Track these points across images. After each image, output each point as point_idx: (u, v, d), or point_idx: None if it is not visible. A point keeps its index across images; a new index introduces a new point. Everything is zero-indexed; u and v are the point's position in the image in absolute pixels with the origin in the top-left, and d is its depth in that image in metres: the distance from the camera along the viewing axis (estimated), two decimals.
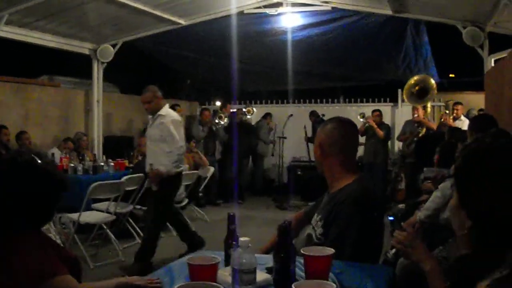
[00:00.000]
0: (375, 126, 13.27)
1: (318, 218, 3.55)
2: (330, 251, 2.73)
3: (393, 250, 3.09)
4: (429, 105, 12.01)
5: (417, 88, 11.32)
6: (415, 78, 11.48)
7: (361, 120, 13.45)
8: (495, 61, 10.50)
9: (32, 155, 2.63)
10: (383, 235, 3.58)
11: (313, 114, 15.06)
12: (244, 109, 15.39)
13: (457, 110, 12.04)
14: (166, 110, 8.22)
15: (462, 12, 10.38)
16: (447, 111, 12.27)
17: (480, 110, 12.18)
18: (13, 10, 9.53)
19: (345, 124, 3.70)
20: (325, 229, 3.41)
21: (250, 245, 2.54)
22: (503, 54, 9.99)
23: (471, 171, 1.96)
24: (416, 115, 12.06)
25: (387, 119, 14.43)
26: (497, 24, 10.05)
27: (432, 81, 11.32)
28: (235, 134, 13.94)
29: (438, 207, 5.78)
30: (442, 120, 11.98)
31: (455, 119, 11.82)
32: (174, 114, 8.29)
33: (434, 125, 12.07)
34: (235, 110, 15.26)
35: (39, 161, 2.59)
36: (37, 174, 2.55)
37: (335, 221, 3.36)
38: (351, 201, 3.35)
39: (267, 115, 16.02)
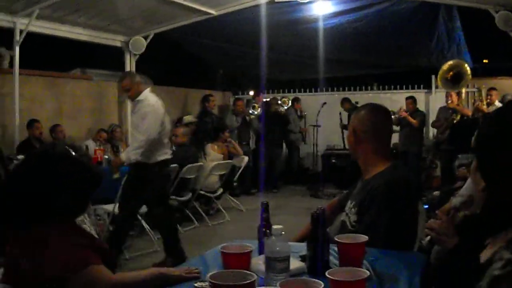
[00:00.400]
0: (408, 116, 13.13)
1: (352, 205, 3.55)
2: (364, 238, 2.73)
3: (428, 238, 3.07)
4: (463, 90, 11.90)
5: (451, 73, 11.24)
6: (449, 63, 11.39)
7: (396, 115, 13.27)
8: None
9: (66, 147, 2.65)
10: (417, 223, 3.57)
11: (347, 101, 14.94)
12: (279, 101, 15.34)
13: (491, 95, 11.87)
14: (145, 94, 7.66)
15: None
16: (481, 97, 12.10)
17: (491, 89, 12.02)
18: (44, 5, 9.61)
19: (378, 111, 3.70)
20: (359, 216, 3.41)
21: (283, 233, 2.54)
22: None
23: (493, 136, 1.96)
24: (450, 101, 11.94)
25: (421, 106, 14.30)
26: None
27: (467, 66, 11.22)
28: (266, 124, 13.95)
29: (472, 193, 5.74)
30: (476, 106, 11.81)
31: (488, 105, 11.64)
32: (152, 99, 7.71)
33: (469, 112, 11.93)
34: (268, 99, 15.27)
35: (73, 153, 2.61)
36: (70, 166, 2.57)
37: (368, 208, 3.35)
38: (384, 188, 3.34)
39: (295, 101, 15.98)
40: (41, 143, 9.97)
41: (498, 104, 11.58)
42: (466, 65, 11.37)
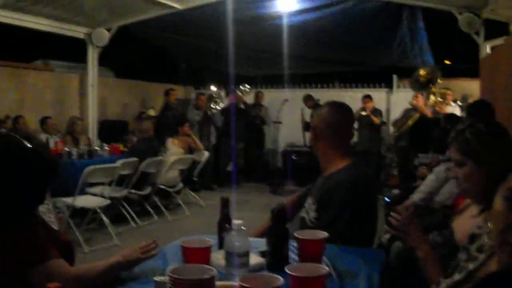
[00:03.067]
0: (370, 115, 13.24)
1: (312, 201, 3.56)
2: (323, 234, 2.75)
3: (388, 235, 3.11)
4: (432, 97, 12.00)
5: (426, 78, 11.39)
6: (427, 69, 11.56)
7: (362, 113, 13.33)
8: (491, 48, 10.50)
9: (18, 137, 2.61)
10: (377, 220, 3.60)
11: (310, 98, 14.92)
12: (239, 93, 15.23)
13: (445, 96, 12.00)
14: None
15: None
16: (440, 98, 12.21)
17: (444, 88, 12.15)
18: None
19: (339, 108, 3.73)
20: (318, 213, 3.43)
21: (243, 228, 2.55)
22: (499, 41, 9.99)
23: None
24: (415, 100, 12.05)
25: (382, 105, 14.43)
26: (493, 11, 10.05)
27: (439, 75, 11.40)
28: (227, 118, 14.01)
29: (432, 190, 5.84)
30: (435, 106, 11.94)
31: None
32: None
33: (429, 112, 12.04)
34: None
35: (27, 144, 2.57)
36: (24, 156, 2.54)
37: (328, 205, 3.37)
38: (344, 185, 3.37)
39: (257, 95, 15.89)
40: None
41: (453, 104, 11.74)
42: (439, 74, 11.57)
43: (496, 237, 1.77)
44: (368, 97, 13.62)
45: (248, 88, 15.14)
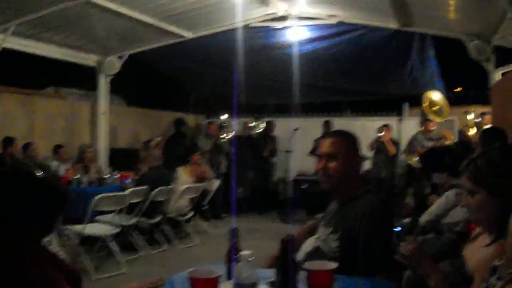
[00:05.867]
0: (389, 142, 13.27)
1: (329, 230, 3.52)
2: (333, 265, 2.71)
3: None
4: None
5: (437, 107, 11.52)
6: (439, 98, 11.70)
7: (378, 134, 13.36)
8: (502, 74, 10.48)
9: (32, 167, 2.61)
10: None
11: (327, 125, 14.89)
12: (251, 124, 15.21)
13: (483, 119, 12.04)
14: None
15: (467, 25, 10.38)
16: (467, 122, 12.27)
17: (482, 113, 12.15)
18: (20, 21, 9.56)
19: (352, 137, 3.71)
20: (342, 242, 3.39)
21: (252, 259, 2.51)
22: (510, 67, 9.98)
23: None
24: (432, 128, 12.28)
25: (393, 133, 14.39)
26: (503, 38, 10.04)
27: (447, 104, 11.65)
28: (238, 148, 14.02)
29: (441, 212, 5.85)
30: (462, 130, 12.08)
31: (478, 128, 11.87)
32: None
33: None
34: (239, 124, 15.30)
35: (38, 174, 2.57)
36: (35, 187, 2.53)
37: (354, 232, 3.33)
38: (374, 214, 3.35)
39: (268, 124, 15.73)
40: (14, 161, 9.91)
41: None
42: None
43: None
44: (386, 126, 13.63)
45: (260, 122, 15.15)
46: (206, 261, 8.08)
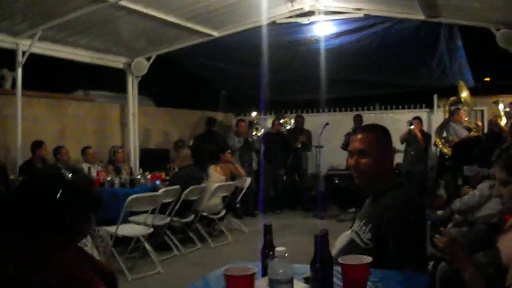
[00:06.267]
0: (419, 134, 13.25)
1: (362, 223, 3.53)
2: (368, 259, 2.71)
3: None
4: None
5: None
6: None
7: (409, 127, 13.36)
8: None
9: (63, 170, 2.63)
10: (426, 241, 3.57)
11: (358, 120, 14.81)
12: (281, 120, 15.15)
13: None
14: None
15: (495, 14, 10.29)
16: (498, 111, 12.25)
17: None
18: (47, 26, 9.65)
19: (383, 131, 3.70)
20: (373, 234, 3.39)
21: (286, 255, 2.52)
22: None
23: None
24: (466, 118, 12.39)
25: (423, 125, 14.32)
26: None
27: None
28: (268, 144, 14.04)
29: (474, 204, 5.81)
30: (493, 120, 12.01)
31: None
32: None
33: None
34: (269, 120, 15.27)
35: (69, 176, 2.58)
36: (63, 189, 2.55)
37: (384, 224, 3.34)
38: (400, 205, 3.36)
39: (297, 119, 15.53)
40: (44, 165, 10.00)
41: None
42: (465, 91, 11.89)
43: None
44: (418, 118, 13.71)
45: (289, 119, 15.05)
46: (240, 258, 8.08)
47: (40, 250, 2.44)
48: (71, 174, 2.59)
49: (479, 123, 13.16)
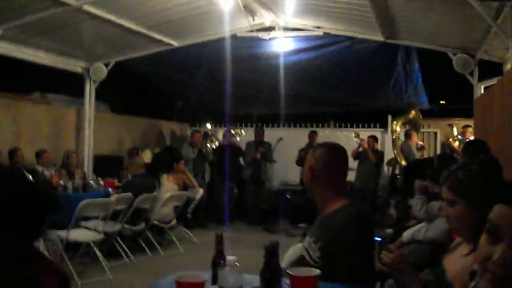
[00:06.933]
0: (369, 150, 13.42)
1: (312, 240, 3.57)
2: (316, 271, 2.76)
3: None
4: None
5: (407, 126, 11.99)
6: (402, 120, 12.21)
7: (355, 139, 13.55)
8: (485, 88, 10.59)
9: (23, 171, 2.64)
10: (374, 258, 3.63)
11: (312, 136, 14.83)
12: (232, 131, 15.15)
13: (465, 132, 12.24)
14: None
15: (453, 39, 10.50)
16: (451, 134, 12.47)
17: (465, 126, 12.34)
18: (9, 26, 9.58)
19: (335, 149, 3.75)
20: (323, 252, 3.44)
21: (237, 264, 2.56)
22: (492, 81, 10.10)
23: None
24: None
25: (377, 145, 14.48)
26: (487, 52, 10.17)
27: (416, 113, 11.99)
28: (220, 156, 14.06)
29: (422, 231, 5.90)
30: (446, 142, 12.28)
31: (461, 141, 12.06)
32: None
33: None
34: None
35: (30, 178, 2.60)
36: (26, 190, 2.56)
37: (333, 243, 3.39)
38: (347, 225, 3.40)
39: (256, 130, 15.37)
40: None
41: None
42: (414, 112, 12.12)
43: (479, 267, 1.81)
44: (372, 137, 14.04)
45: (240, 130, 15.04)
46: (190, 268, 8.11)
47: None
48: (31, 175, 2.61)
49: (425, 145, 13.58)
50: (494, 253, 1.55)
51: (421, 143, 13.67)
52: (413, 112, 13.07)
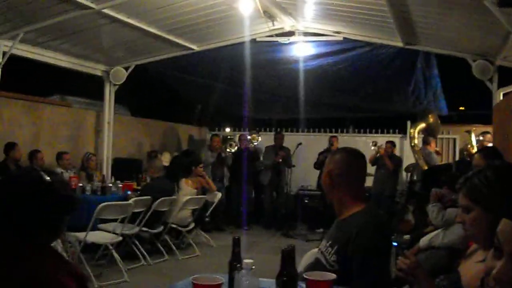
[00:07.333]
0: (386, 157, 13.40)
1: (328, 244, 3.58)
2: (332, 276, 2.77)
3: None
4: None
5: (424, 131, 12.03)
6: (420, 126, 12.26)
7: (373, 148, 13.56)
8: (504, 95, 10.55)
9: (41, 172, 2.66)
10: (390, 264, 3.64)
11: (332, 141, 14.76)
12: (248, 136, 15.13)
13: (484, 139, 12.17)
14: None
15: (472, 45, 10.46)
16: (471, 141, 12.41)
17: (484, 132, 12.27)
18: (29, 28, 9.65)
19: (354, 155, 3.77)
20: (338, 255, 3.45)
21: (253, 267, 2.58)
22: (511, 88, 10.06)
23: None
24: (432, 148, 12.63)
25: (396, 150, 14.45)
26: (506, 58, 10.13)
27: (434, 119, 12.02)
28: (237, 161, 14.08)
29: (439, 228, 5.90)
30: (466, 149, 12.23)
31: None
32: None
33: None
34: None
35: (48, 178, 2.62)
36: (43, 191, 2.59)
37: (349, 248, 3.39)
38: (364, 230, 3.40)
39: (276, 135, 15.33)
40: (17, 167, 9.98)
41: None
42: (432, 119, 12.12)
43: (485, 280, 1.82)
44: (390, 142, 14.05)
45: (256, 135, 14.98)
46: (207, 271, 8.09)
47: (16, 250, 2.48)
48: (48, 176, 2.63)
49: (439, 150, 13.67)
50: (494, 268, 1.56)
51: (436, 149, 13.62)
52: (431, 118, 13.05)
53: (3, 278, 2.38)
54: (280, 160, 14.50)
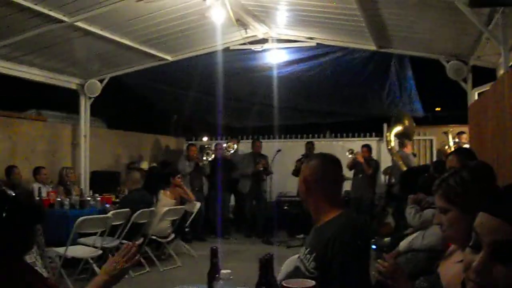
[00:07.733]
0: (364, 162, 13.44)
1: (307, 251, 3.58)
2: (311, 282, 2.77)
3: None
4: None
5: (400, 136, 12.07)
6: (395, 131, 12.25)
7: (350, 156, 13.60)
8: (479, 94, 10.61)
9: (3, 188, 2.65)
10: (369, 268, 3.64)
11: (309, 147, 14.80)
12: (224, 145, 15.12)
13: (460, 139, 12.26)
14: None
15: (445, 46, 10.54)
16: (448, 142, 12.47)
17: (459, 133, 12.36)
18: (2, 44, 9.61)
19: (329, 160, 3.76)
20: (318, 263, 3.44)
21: (231, 277, 2.57)
22: (486, 87, 10.13)
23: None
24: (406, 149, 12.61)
25: (373, 153, 14.49)
26: (480, 58, 10.20)
27: (409, 122, 12.05)
28: (214, 169, 14.04)
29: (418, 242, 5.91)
30: (441, 149, 12.32)
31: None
32: None
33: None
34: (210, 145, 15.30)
35: (11, 193, 2.61)
36: (7, 205, 2.57)
37: (327, 254, 3.39)
38: (344, 237, 3.39)
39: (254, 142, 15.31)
40: None
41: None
42: (406, 122, 12.16)
43: (465, 275, 1.82)
44: (366, 146, 14.14)
45: (232, 143, 14.94)
46: (188, 282, 8.06)
47: None
48: (12, 190, 2.62)
49: (415, 152, 13.76)
50: (473, 262, 1.57)
51: (413, 151, 13.70)
52: (406, 121, 13.08)
53: None
54: (262, 168, 14.51)
